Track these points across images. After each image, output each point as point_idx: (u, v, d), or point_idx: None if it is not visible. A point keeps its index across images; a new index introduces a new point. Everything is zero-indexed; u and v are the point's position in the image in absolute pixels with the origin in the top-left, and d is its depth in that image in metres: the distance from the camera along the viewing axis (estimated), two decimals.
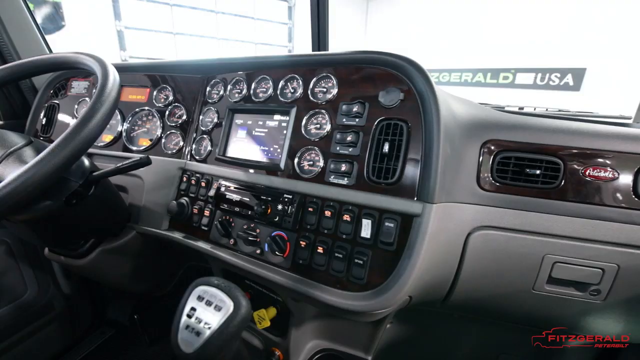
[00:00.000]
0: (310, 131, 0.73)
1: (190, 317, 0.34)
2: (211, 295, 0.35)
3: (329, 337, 0.96)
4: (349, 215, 0.62)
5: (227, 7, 7.19)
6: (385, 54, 0.65)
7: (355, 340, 0.95)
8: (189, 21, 6.73)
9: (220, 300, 0.35)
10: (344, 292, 0.61)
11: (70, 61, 0.69)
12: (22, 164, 0.56)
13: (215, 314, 0.34)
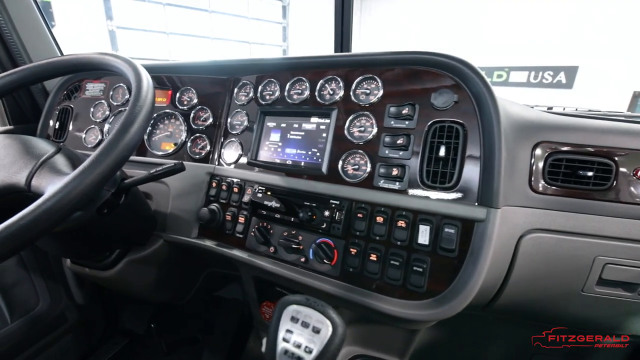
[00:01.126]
0: (353, 134, 0.70)
1: (288, 342, 0.31)
2: (305, 316, 0.33)
3: (363, 343, 0.94)
4: (404, 221, 0.60)
5: (220, 7, 7.10)
6: (436, 54, 0.63)
7: (390, 346, 0.93)
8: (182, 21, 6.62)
9: (317, 320, 0.33)
10: (403, 301, 0.59)
11: (95, 62, 0.65)
12: (59, 175, 0.53)
13: (315, 336, 0.32)
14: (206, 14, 7.04)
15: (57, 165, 0.56)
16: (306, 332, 0.32)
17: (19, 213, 0.43)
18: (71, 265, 0.92)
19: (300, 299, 0.35)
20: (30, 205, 0.44)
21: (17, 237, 0.42)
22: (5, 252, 0.42)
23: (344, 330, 0.33)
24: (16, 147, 0.59)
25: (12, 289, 1.09)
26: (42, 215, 0.43)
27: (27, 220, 0.43)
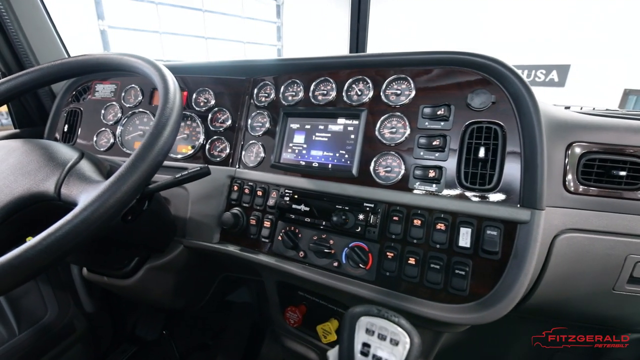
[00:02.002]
0: (384, 135, 0.69)
1: (366, 355, 0.30)
2: (381, 328, 0.32)
3: None
4: (444, 224, 0.59)
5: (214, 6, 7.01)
6: (472, 54, 0.62)
7: None
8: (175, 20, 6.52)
9: (393, 332, 0.31)
10: (445, 305, 0.58)
11: (114, 63, 0.62)
12: (90, 183, 0.50)
13: (394, 348, 0.30)
14: (200, 13, 6.95)
15: (84, 172, 0.53)
16: (384, 344, 0.31)
17: (55, 224, 0.41)
18: (88, 274, 0.88)
19: (370, 309, 0.34)
20: (67, 216, 0.42)
21: (55, 250, 0.39)
22: (43, 265, 0.40)
23: (419, 339, 0.32)
24: (38, 152, 0.56)
25: (20, 299, 1.05)
26: (80, 225, 0.41)
27: (64, 231, 0.40)
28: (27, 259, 0.38)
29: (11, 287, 0.39)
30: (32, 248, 0.39)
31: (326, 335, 0.81)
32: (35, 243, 0.39)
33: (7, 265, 0.38)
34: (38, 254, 0.39)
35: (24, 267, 0.38)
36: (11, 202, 0.49)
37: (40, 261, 0.39)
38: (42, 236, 0.40)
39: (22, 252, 0.39)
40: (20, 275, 0.39)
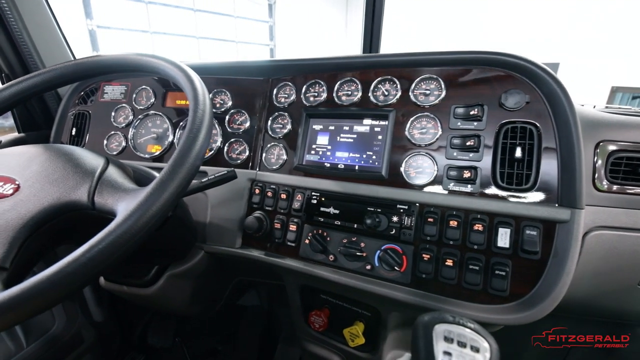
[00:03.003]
0: (414, 136, 0.69)
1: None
2: (459, 335, 0.31)
3: (406, 346, 0.93)
4: (481, 225, 0.59)
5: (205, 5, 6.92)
6: (505, 54, 0.62)
7: None
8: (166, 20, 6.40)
9: (472, 339, 0.31)
10: (485, 306, 0.58)
11: (133, 64, 0.59)
12: (124, 191, 0.47)
13: (475, 355, 0.30)
14: (191, 12, 6.84)
15: (115, 179, 0.51)
16: (465, 352, 0.30)
17: (97, 235, 0.39)
18: (106, 284, 0.85)
19: (445, 316, 0.33)
20: (110, 226, 0.40)
21: (98, 262, 0.37)
22: (86, 280, 0.38)
23: (496, 344, 0.31)
24: (63, 159, 0.53)
25: None
26: (123, 235, 0.39)
27: (108, 242, 0.38)
28: (68, 273, 0.36)
29: (51, 305, 0.37)
30: (75, 261, 0.37)
31: (353, 338, 0.80)
32: (77, 256, 0.37)
33: (46, 281, 0.36)
34: (81, 268, 0.37)
35: (65, 282, 0.36)
36: (41, 212, 0.46)
37: (82, 276, 0.37)
38: (84, 248, 0.38)
39: (64, 266, 0.37)
40: (62, 291, 0.36)
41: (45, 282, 0.36)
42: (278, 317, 1.44)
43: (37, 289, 0.35)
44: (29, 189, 0.48)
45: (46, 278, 0.36)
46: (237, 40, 7.74)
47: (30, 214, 0.46)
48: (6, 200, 0.47)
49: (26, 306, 0.35)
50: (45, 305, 0.36)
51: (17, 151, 0.56)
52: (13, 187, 0.49)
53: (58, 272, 0.36)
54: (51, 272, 0.36)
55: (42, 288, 0.35)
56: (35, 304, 0.35)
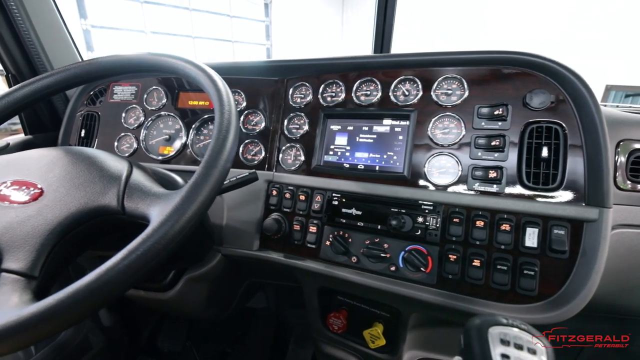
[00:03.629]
0: (436, 136, 0.68)
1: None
2: (515, 337, 0.31)
3: (425, 346, 0.93)
4: (508, 225, 0.59)
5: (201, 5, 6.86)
6: (529, 54, 0.62)
7: (451, 347, 0.92)
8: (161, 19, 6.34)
9: (528, 341, 0.30)
10: (513, 306, 0.58)
11: (149, 64, 0.58)
12: (157, 195, 0.46)
13: (533, 357, 0.29)
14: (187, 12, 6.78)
15: (142, 183, 0.49)
16: (523, 354, 0.29)
17: (133, 241, 0.38)
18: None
19: (499, 319, 0.33)
20: (146, 231, 0.39)
21: (136, 269, 0.37)
22: (125, 287, 0.37)
23: (550, 345, 0.31)
24: (86, 162, 0.52)
25: None
26: (161, 240, 0.38)
27: (146, 248, 0.37)
28: (108, 281, 0.35)
29: (89, 315, 0.36)
30: (114, 268, 0.36)
31: (374, 340, 0.80)
32: (116, 262, 0.36)
33: (85, 290, 0.34)
34: (120, 275, 0.36)
35: (105, 290, 0.35)
36: (69, 218, 0.45)
37: (121, 283, 0.36)
38: (122, 255, 0.37)
39: (103, 273, 0.35)
40: (101, 300, 0.35)
41: (83, 290, 0.35)
42: (287, 318, 1.43)
43: (75, 298, 0.34)
44: (54, 194, 0.47)
45: (85, 286, 0.35)
46: (234, 39, 7.70)
47: (58, 220, 0.44)
48: (30, 205, 0.46)
49: (64, 316, 0.34)
50: (83, 314, 0.35)
51: (35, 155, 0.54)
52: (36, 192, 0.47)
53: (97, 280, 0.35)
54: (90, 280, 0.35)
55: (81, 297, 0.34)
56: (74, 313, 0.34)
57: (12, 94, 0.58)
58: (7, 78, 0.92)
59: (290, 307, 1.44)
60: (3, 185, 0.49)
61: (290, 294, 1.41)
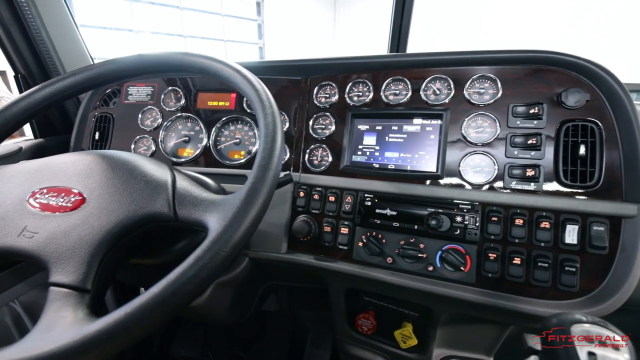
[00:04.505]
0: (470, 135, 0.68)
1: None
2: (597, 334, 0.31)
3: (451, 344, 0.93)
4: (548, 222, 0.60)
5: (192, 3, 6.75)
6: (564, 54, 0.63)
7: (478, 343, 0.93)
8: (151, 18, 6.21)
9: (607, 337, 0.31)
10: (554, 302, 0.59)
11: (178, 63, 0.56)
12: (210, 201, 0.44)
13: (617, 353, 0.30)
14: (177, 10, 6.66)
15: (190, 188, 0.47)
16: (608, 351, 0.30)
17: (198, 249, 0.36)
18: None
19: (580, 317, 0.33)
20: (210, 238, 0.37)
21: (205, 277, 0.35)
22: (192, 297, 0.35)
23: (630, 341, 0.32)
24: (126, 168, 0.49)
25: None
26: (225, 247, 0.37)
27: (211, 255, 0.36)
28: (174, 293, 0.34)
29: (157, 327, 0.34)
30: (180, 279, 0.34)
31: (405, 340, 0.80)
32: (181, 273, 0.35)
33: (153, 302, 0.33)
34: (187, 285, 0.34)
35: (173, 301, 0.33)
36: (118, 225, 0.43)
37: (189, 293, 0.34)
38: (188, 264, 0.35)
39: (171, 283, 0.34)
40: (169, 311, 0.34)
41: (152, 302, 0.33)
42: (301, 320, 1.42)
43: (144, 310, 0.33)
44: (97, 201, 0.45)
45: (153, 298, 0.33)
46: (225, 38, 7.61)
47: (106, 228, 0.42)
48: (73, 213, 0.44)
49: (133, 330, 0.32)
50: (152, 328, 0.33)
51: (69, 159, 0.51)
52: (78, 199, 0.45)
53: (165, 290, 0.34)
54: (159, 291, 0.34)
55: (149, 309, 0.33)
56: (143, 326, 0.33)
57: (32, 95, 0.55)
58: (16, 79, 0.88)
59: (304, 308, 1.43)
60: (39, 192, 0.46)
61: (304, 295, 1.40)
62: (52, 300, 0.37)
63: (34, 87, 0.56)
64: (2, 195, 0.47)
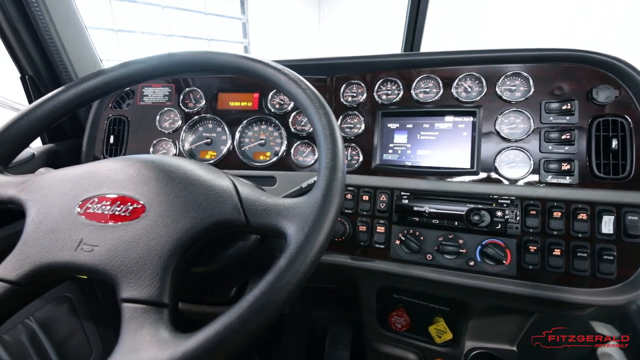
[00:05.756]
0: (503, 131, 0.70)
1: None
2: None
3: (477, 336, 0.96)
4: (585, 214, 0.62)
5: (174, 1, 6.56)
6: (593, 52, 0.66)
7: (502, 334, 0.96)
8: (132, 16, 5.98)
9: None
10: (593, 289, 0.61)
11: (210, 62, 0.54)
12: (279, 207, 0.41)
13: None
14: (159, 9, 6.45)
15: (254, 192, 0.44)
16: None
17: (285, 255, 0.35)
18: (183, 305, 0.77)
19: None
20: (294, 245, 0.36)
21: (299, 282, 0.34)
22: (287, 302, 0.34)
23: None
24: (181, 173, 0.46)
25: (65, 342, 0.90)
26: (312, 251, 0.36)
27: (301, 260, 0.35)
28: (272, 301, 0.33)
29: (253, 339, 0.33)
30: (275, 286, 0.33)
31: (440, 334, 0.81)
32: (275, 279, 0.34)
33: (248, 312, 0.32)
34: (282, 292, 0.33)
35: (270, 310, 0.32)
36: (188, 233, 0.40)
37: (285, 301, 0.33)
38: (279, 270, 0.34)
39: (265, 291, 0.33)
40: (267, 320, 0.32)
41: (246, 313, 0.32)
42: (315, 320, 1.42)
43: (241, 321, 0.31)
44: (158, 208, 0.42)
45: (246, 309, 0.32)
46: (210, 38, 7.44)
47: (176, 236, 0.40)
48: (134, 223, 0.40)
49: (233, 341, 0.31)
50: (250, 339, 0.32)
51: (116, 165, 0.47)
52: (137, 208, 0.42)
53: (261, 298, 0.33)
54: (254, 299, 0.33)
55: (247, 319, 0.31)
56: (242, 338, 0.31)
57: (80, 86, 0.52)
58: (23, 80, 0.83)
59: (317, 309, 1.43)
60: (89, 202, 0.43)
61: (316, 296, 1.39)
62: (129, 319, 0.34)
63: (59, 88, 0.52)
64: (47, 206, 0.43)
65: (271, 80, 0.50)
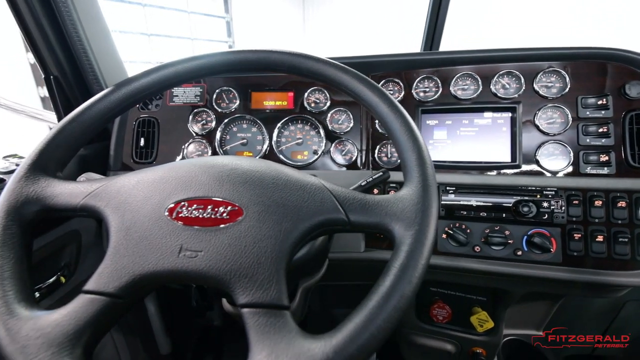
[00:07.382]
0: (542, 125, 0.74)
1: None
2: None
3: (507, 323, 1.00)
4: (624, 202, 0.66)
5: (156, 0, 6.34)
6: (624, 50, 0.70)
7: (529, 320, 1.01)
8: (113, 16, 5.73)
9: None
10: (634, 272, 0.66)
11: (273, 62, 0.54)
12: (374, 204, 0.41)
13: None
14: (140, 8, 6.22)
15: (345, 191, 0.44)
16: None
17: (401, 253, 0.36)
18: (230, 307, 0.75)
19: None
20: (408, 245, 0.37)
21: (418, 282, 0.35)
22: (409, 305, 0.35)
23: None
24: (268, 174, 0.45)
25: (97, 354, 0.86)
26: (426, 247, 0.37)
27: (418, 257, 0.36)
28: (403, 295, 0.33)
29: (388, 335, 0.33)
30: (402, 280, 0.34)
31: (482, 324, 0.84)
32: (399, 274, 0.34)
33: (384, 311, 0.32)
34: (407, 287, 0.34)
35: (401, 304, 0.33)
36: (294, 232, 0.39)
37: (408, 300, 0.34)
38: (400, 267, 0.35)
39: (394, 284, 0.34)
40: (397, 317, 0.33)
41: (389, 306, 0.32)
42: (338, 318, 1.42)
43: (384, 316, 0.32)
44: (256, 209, 0.39)
45: (376, 308, 0.33)
46: (193, 37, 7.26)
47: (282, 237, 0.38)
48: (234, 226, 0.38)
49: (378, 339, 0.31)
50: (386, 335, 0.32)
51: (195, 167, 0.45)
52: (233, 210, 0.39)
53: (391, 291, 0.33)
54: (386, 291, 0.33)
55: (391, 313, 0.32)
56: (386, 332, 0.32)
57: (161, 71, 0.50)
58: (47, 80, 0.78)
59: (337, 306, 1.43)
60: (180, 206, 0.41)
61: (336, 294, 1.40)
62: (253, 326, 0.32)
63: (158, 65, 0.51)
64: (131, 212, 0.41)
65: (335, 81, 0.50)
